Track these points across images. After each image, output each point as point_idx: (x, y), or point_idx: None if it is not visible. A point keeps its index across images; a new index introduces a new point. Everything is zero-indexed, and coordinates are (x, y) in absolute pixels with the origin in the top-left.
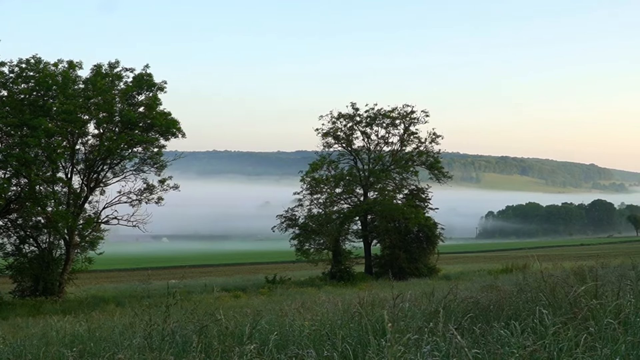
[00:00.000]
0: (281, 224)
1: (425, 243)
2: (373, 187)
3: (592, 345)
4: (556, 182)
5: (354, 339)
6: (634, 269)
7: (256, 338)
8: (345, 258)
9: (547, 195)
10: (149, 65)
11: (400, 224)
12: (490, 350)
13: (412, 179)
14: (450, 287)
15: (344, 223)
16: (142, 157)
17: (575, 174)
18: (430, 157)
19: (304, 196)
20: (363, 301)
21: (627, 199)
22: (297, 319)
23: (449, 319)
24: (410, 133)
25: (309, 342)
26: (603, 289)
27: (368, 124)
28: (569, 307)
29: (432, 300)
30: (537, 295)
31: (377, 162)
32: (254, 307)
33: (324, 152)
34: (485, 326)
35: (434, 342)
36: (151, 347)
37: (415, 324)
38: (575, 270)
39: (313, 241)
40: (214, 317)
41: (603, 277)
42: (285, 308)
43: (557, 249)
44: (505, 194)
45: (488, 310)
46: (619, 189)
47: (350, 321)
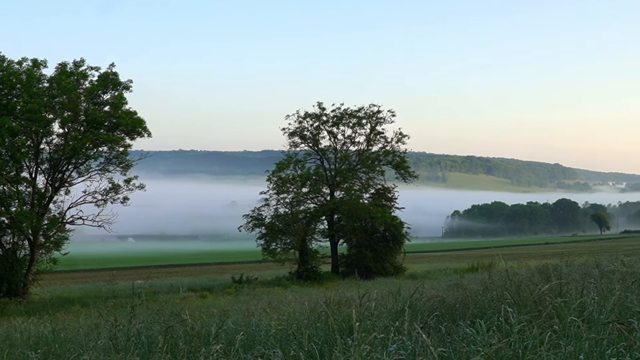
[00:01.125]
0: (248, 224)
1: (391, 242)
2: (339, 186)
3: (556, 343)
4: (521, 182)
5: (320, 339)
6: (598, 267)
7: (222, 338)
8: (312, 257)
9: (513, 195)
10: (114, 64)
11: (367, 224)
12: (456, 349)
13: (378, 178)
14: (417, 286)
15: (311, 222)
16: (107, 157)
17: (540, 173)
18: (396, 156)
19: (271, 196)
20: (330, 300)
21: (591, 198)
22: (264, 318)
23: (415, 318)
24: (376, 133)
25: (275, 341)
26: (567, 287)
27: (334, 123)
28: (533, 305)
29: (399, 299)
30: (502, 293)
31: (344, 161)
32: (220, 307)
33: (291, 152)
34: (451, 325)
35: (400, 341)
36: (116, 348)
37: (382, 323)
38: (540, 269)
39: (280, 241)
40: (180, 318)
41: (567, 276)
42: (252, 308)
43: (523, 248)
44: (471, 193)
45: (454, 308)
46: (583, 189)
47: (317, 320)
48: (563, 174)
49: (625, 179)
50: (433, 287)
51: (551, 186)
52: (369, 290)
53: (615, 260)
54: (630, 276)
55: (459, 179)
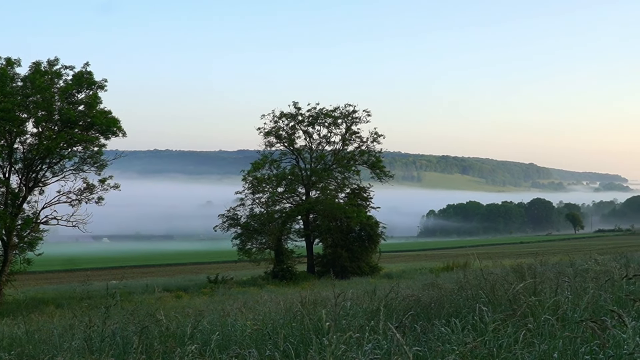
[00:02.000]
0: (223, 224)
1: (367, 242)
2: (315, 186)
3: (530, 342)
4: (496, 181)
5: (296, 338)
6: (572, 266)
7: (198, 338)
8: (288, 257)
9: (487, 194)
10: (89, 63)
11: (342, 223)
12: (431, 348)
13: (354, 178)
14: (392, 286)
15: (286, 222)
16: (82, 157)
17: (515, 173)
18: (371, 156)
19: (246, 195)
20: (305, 300)
21: (565, 197)
22: (239, 318)
23: (390, 317)
24: (352, 132)
25: (251, 341)
26: (542, 286)
27: (310, 123)
28: (508, 304)
29: (374, 299)
30: (477, 292)
31: (319, 161)
32: (195, 307)
33: (266, 152)
34: (427, 324)
35: (375, 340)
36: (91, 349)
37: (357, 323)
38: (515, 268)
39: (255, 240)
40: (155, 318)
41: (542, 275)
42: (228, 308)
43: (497, 247)
44: (446, 192)
45: (429, 308)
46: (558, 188)
47: (293, 320)
48: (537, 173)
49: (599, 178)
50: (408, 286)
51: (526, 186)
52: (344, 290)
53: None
54: (603, 275)
55: (434, 178)
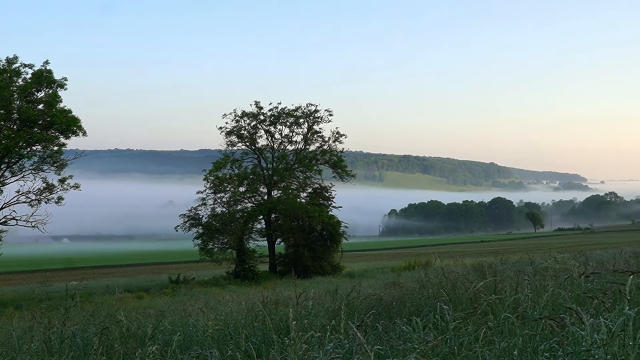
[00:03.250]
0: (184, 224)
1: (329, 241)
2: (277, 185)
3: (491, 339)
4: (457, 181)
5: (258, 338)
6: (532, 264)
7: (159, 339)
8: (250, 257)
9: (449, 194)
10: (48, 61)
11: (304, 223)
12: (392, 346)
13: (315, 177)
14: (354, 285)
15: (248, 222)
16: (41, 156)
17: (476, 172)
18: (333, 156)
19: (208, 195)
20: (267, 300)
21: (525, 196)
22: (201, 318)
23: (352, 316)
24: (314, 132)
25: (212, 341)
26: (502, 284)
27: (272, 122)
28: (469, 302)
29: (336, 298)
30: (438, 291)
31: (281, 160)
32: (157, 307)
33: (228, 151)
34: (388, 323)
35: (337, 339)
36: (50, 350)
37: (319, 322)
38: (476, 266)
39: (217, 240)
40: (115, 319)
41: (502, 273)
42: (189, 308)
43: (459, 246)
44: (408, 192)
45: (391, 306)
46: (518, 187)
47: (254, 320)
48: (498, 173)
49: (558, 177)
50: (370, 285)
51: (486, 185)
52: (306, 289)
53: (548, 258)
54: (563, 273)
55: (395, 178)
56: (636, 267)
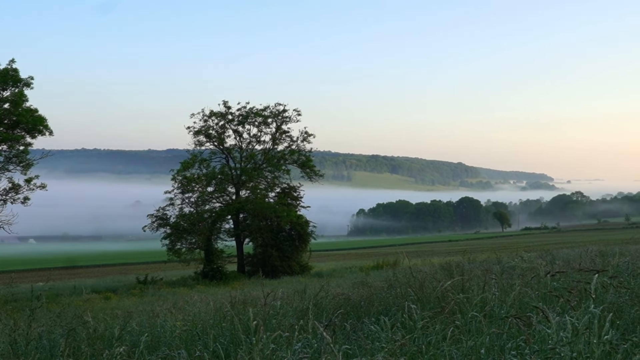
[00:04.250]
0: (152, 224)
1: (297, 241)
2: (245, 185)
3: (458, 338)
4: (425, 180)
5: (226, 338)
6: (499, 263)
7: (126, 340)
8: (218, 257)
9: (417, 193)
10: (14, 60)
11: (273, 223)
12: (360, 346)
13: (284, 177)
14: (322, 285)
15: (216, 222)
16: (7, 156)
17: (444, 172)
18: (302, 155)
19: (175, 195)
20: (235, 300)
21: (493, 196)
22: (169, 319)
23: (320, 316)
24: (282, 132)
25: (180, 342)
26: (469, 284)
27: (240, 122)
28: (437, 301)
29: (304, 298)
30: (406, 290)
31: (249, 160)
32: (124, 308)
33: (196, 151)
34: (356, 322)
35: (305, 339)
36: (16, 352)
37: (287, 322)
38: (443, 266)
39: (185, 240)
40: (82, 320)
41: (469, 272)
42: (157, 309)
43: (427, 245)
44: (376, 192)
45: (359, 306)
46: (486, 187)
47: (223, 320)
48: (466, 172)
49: (525, 177)
50: (339, 285)
51: (454, 185)
52: (274, 289)
53: (515, 257)
54: (529, 272)
55: (364, 177)
56: (602, 265)
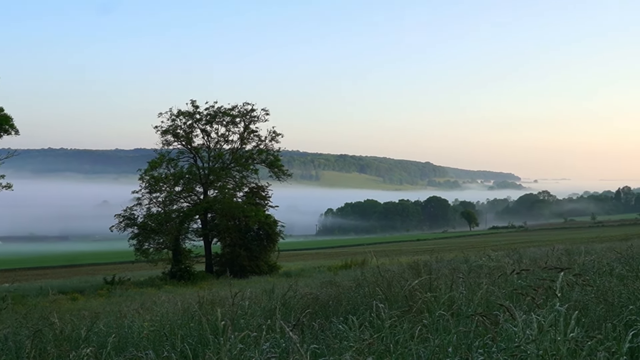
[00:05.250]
0: (119, 224)
1: (265, 241)
2: (213, 185)
3: (426, 337)
4: (393, 180)
5: (194, 339)
6: (467, 262)
7: (93, 341)
8: (186, 257)
9: (385, 193)
10: None
11: (241, 222)
12: (329, 345)
13: (252, 177)
14: (290, 284)
15: (184, 222)
16: None
17: (412, 171)
18: (270, 155)
19: (143, 195)
20: (203, 300)
21: (460, 195)
22: (137, 320)
23: (288, 316)
24: (250, 131)
25: (148, 343)
26: (437, 282)
27: (208, 121)
28: (404, 300)
29: (273, 297)
30: (374, 289)
31: (217, 160)
32: (92, 309)
33: (164, 150)
34: (325, 321)
35: (273, 339)
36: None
37: (256, 322)
38: (411, 265)
39: (152, 240)
40: (49, 321)
41: (437, 271)
42: (124, 309)
43: (395, 245)
44: (344, 191)
45: (327, 305)
46: (453, 186)
47: (191, 321)
48: (434, 172)
49: (493, 176)
50: (307, 284)
51: (422, 184)
52: (242, 289)
53: (483, 256)
54: (496, 270)
55: (332, 177)
56: (568, 264)
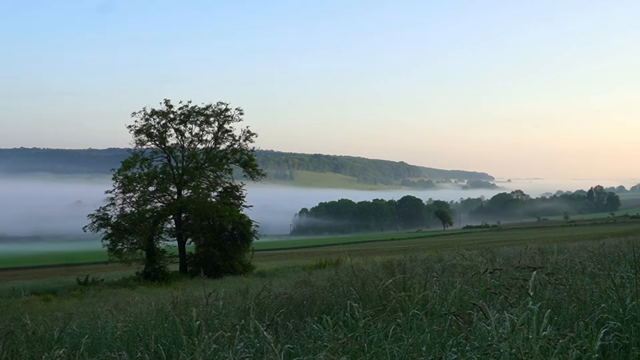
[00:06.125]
0: (93, 224)
1: (239, 240)
2: (187, 185)
3: (400, 336)
4: (367, 179)
5: (168, 339)
6: (441, 261)
7: (66, 342)
8: (160, 257)
9: (359, 192)
10: None
11: (215, 222)
12: (303, 345)
13: (226, 176)
14: (265, 284)
15: (158, 222)
16: None
17: (386, 171)
18: (244, 155)
19: (117, 195)
20: (177, 300)
21: (434, 195)
22: (110, 320)
23: (263, 316)
24: (224, 131)
25: (121, 344)
26: (411, 282)
27: (182, 121)
28: (378, 299)
29: (247, 297)
30: (348, 289)
31: (191, 159)
32: (65, 310)
33: (137, 150)
34: (299, 321)
35: (247, 339)
36: None
37: (230, 322)
38: (385, 264)
39: (126, 241)
40: (21, 322)
41: (411, 270)
42: (98, 310)
43: (369, 244)
44: (319, 191)
45: (301, 305)
46: (427, 186)
47: (164, 321)
48: (408, 171)
49: (466, 176)
50: (281, 284)
51: (396, 184)
52: (217, 289)
53: (456, 255)
54: (470, 270)
55: (306, 177)
56: (541, 263)
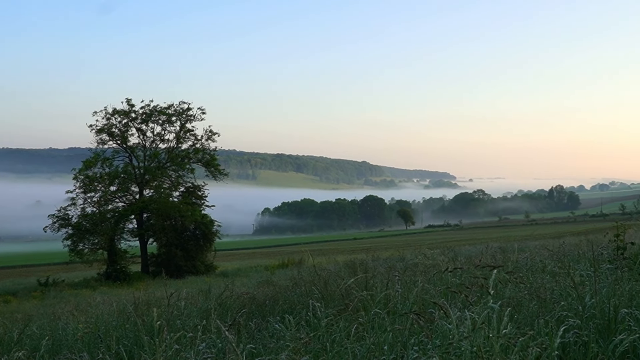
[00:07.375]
0: (53, 224)
1: (202, 240)
2: (149, 184)
3: (362, 335)
4: (330, 179)
5: (129, 340)
6: (403, 260)
7: (26, 344)
8: (121, 258)
9: (322, 192)
10: None
11: (177, 222)
12: (265, 345)
13: (188, 176)
14: (227, 284)
15: (119, 222)
16: None
17: (348, 171)
18: (206, 154)
19: (78, 195)
20: (138, 301)
21: (397, 194)
22: (71, 322)
23: (225, 316)
24: (186, 130)
25: (82, 345)
26: (373, 281)
27: (144, 120)
28: (341, 299)
29: (209, 298)
30: (311, 288)
31: (153, 159)
32: (25, 311)
33: (98, 149)
34: (261, 321)
35: (209, 339)
36: None
37: (192, 322)
38: (348, 264)
39: (87, 241)
40: None
41: (373, 269)
42: (59, 311)
43: (332, 244)
44: (281, 190)
45: (264, 305)
46: (389, 185)
47: (126, 322)
48: (370, 171)
49: (428, 176)
50: (244, 284)
51: (359, 183)
52: (178, 289)
53: (419, 254)
54: (432, 268)
55: (269, 176)
56: (502, 261)
